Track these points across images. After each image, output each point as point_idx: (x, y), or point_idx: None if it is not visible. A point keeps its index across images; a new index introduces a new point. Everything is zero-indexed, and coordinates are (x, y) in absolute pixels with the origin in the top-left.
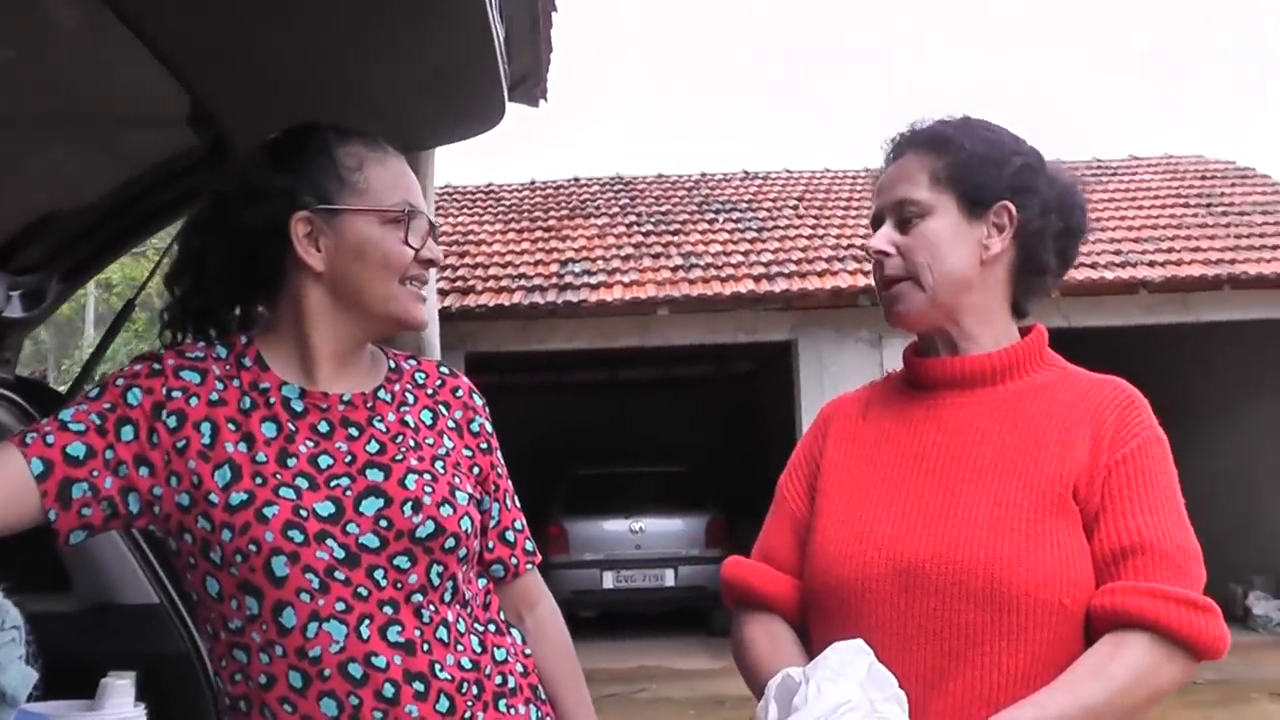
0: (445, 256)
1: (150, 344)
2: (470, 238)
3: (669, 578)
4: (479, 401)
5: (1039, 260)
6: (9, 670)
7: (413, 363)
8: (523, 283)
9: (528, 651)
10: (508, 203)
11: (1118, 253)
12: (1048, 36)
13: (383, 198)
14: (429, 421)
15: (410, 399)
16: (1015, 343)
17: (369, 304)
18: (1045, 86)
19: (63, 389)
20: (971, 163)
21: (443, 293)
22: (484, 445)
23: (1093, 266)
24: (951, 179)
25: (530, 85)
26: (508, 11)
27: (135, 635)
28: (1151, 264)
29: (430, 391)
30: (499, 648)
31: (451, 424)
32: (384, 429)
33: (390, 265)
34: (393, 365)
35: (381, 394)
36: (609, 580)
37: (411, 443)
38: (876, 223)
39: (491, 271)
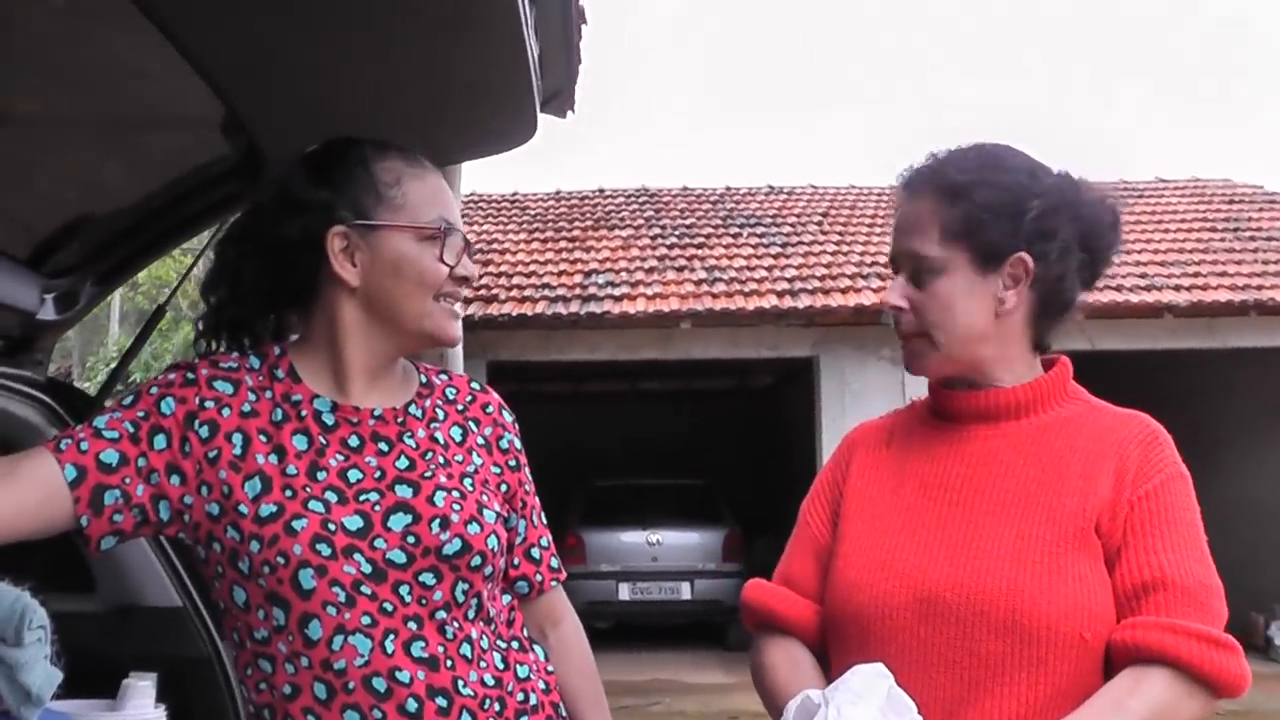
0: None
1: (174, 342)
2: (495, 247)
3: (685, 591)
4: (508, 418)
5: (1061, 301)
6: (35, 670)
7: (444, 378)
8: (546, 293)
9: (550, 669)
10: (533, 212)
11: (1143, 276)
12: (1077, 55)
13: (419, 214)
14: (458, 438)
15: (440, 415)
16: (1040, 376)
17: (403, 320)
18: (1073, 105)
19: (87, 386)
20: (984, 217)
21: (466, 301)
22: (512, 463)
23: (1118, 289)
24: (963, 234)
25: (564, 100)
26: (542, 29)
27: (157, 637)
28: (1177, 288)
29: (460, 408)
30: (522, 664)
31: (481, 441)
32: (414, 445)
33: (425, 282)
34: (424, 380)
35: (412, 409)
36: (625, 592)
37: (441, 459)
38: (894, 266)
39: (515, 281)
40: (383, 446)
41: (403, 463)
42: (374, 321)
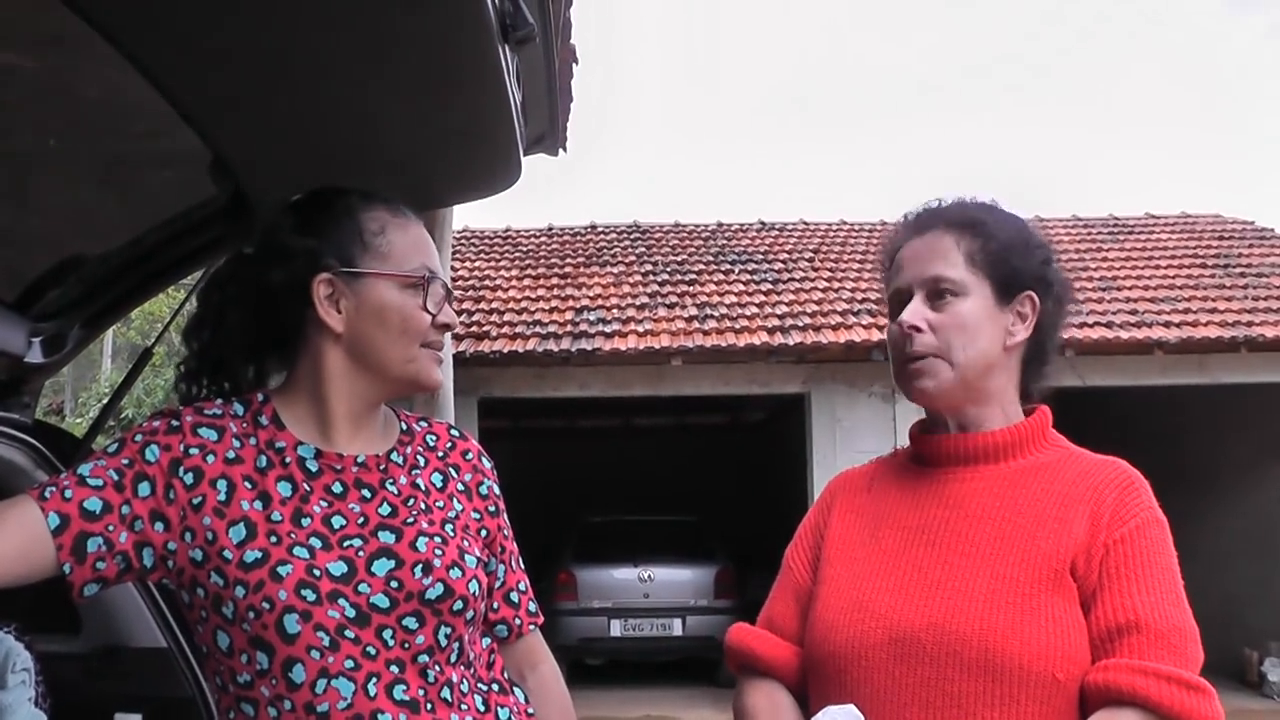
0: (460, 301)
1: (167, 378)
2: (486, 283)
3: (677, 627)
4: (487, 464)
5: (1048, 349)
6: (19, 712)
7: (424, 424)
8: (538, 329)
9: (530, 711)
10: (525, 248)
11: (1133, 312)
12: (1067, 95)
13: (403, 262)
14: (439, 484)
15: (422, 461)
16: (1020, 421)
17: (388, 366)
18: (1063, 143)
19: (79, 421)
20: (1004, 251)
21: (457, 338)
22: (492, 508)
23: (1108, 326)
24: (987, 263)
25: (548, 143)
26: (525, 75)
27: (142, 678)
28: (1167, 324)
29: (441, 454)
30: (502, 707)
31: (461, 487)
32: (396, 491)
33: (409, 329)
34: (405, 428)
35: (394, 456)
36: (617, 628)
37: (423, 505)
38: (900, 296)
39: (507, 317)
40: (365, 493)
41: (385, 509)
42: (358, 368)
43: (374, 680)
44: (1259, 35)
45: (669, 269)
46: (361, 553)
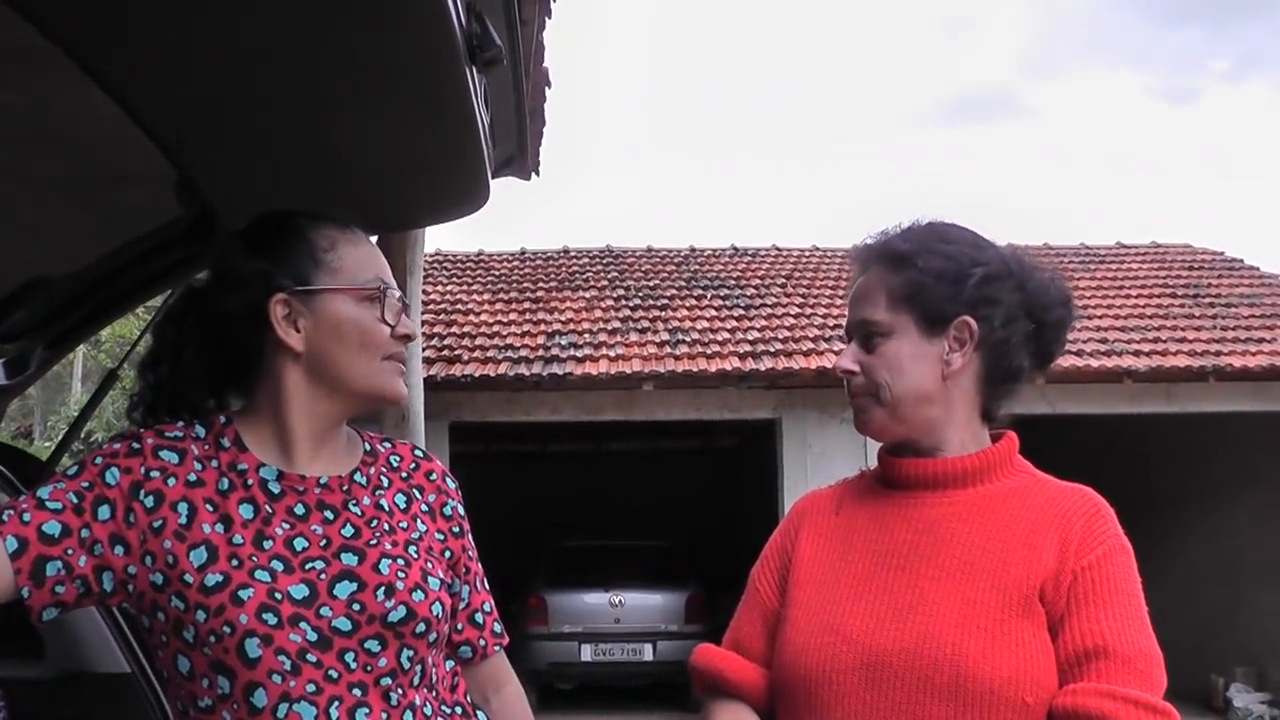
0: (432, 325)
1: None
2: (458, 307)
3: (648, 652)
4: (452, 485)
5: (1007, 367)
6: None
7: (388, 445)
8: (509, 354)
9: None
10: (497, 273)
11: (1103, 341)
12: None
13: (357, 276)
14: (403, 505)
15: (385, 482)
16: (987, 448)
17: (350, 381)
18: (1036, 172)
19: (48, 445)
20: (927, 282)
21: (428, 361)
22: (456, 529)
23: (1078, 354)
24: (908, 298)
25: (517, 166)
26: (494, 97)
27: (106, 704)
28: (1137, 353)
29: (404, 475)
30: None
31: (425, 508)
32: (359, 513)
33: (368, 343)
34: (368, 448)
35: (358, 477)
36: (587, 653)
37: (386, 527)
38: (848, 336)
39: (478, 341)
40: (328, 515)
41: (348, 530)
42: (320, 386)
43: (336, 704)
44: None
45: (641, 294)
46: (324, 575)
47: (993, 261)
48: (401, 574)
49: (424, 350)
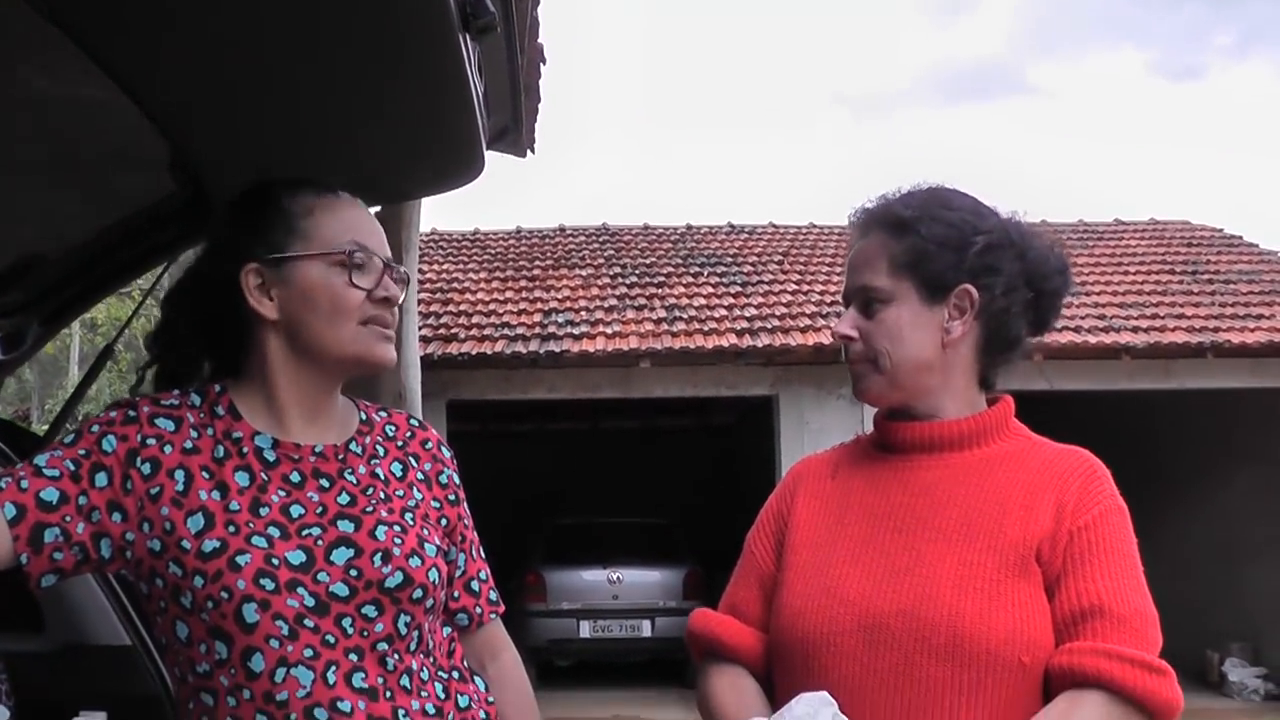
0: (429, 304)
1: (131, 382)
2: (455, 285)
3: (646, 629)
4: (447, 454)
5: (1006, 336)
6: None
7: (383, 415)
8: (506, 332)
9: (490, 699)
10: (493, 250)
11: (1101, 317)
12: (1041, 98)
13: (329, 241)
14: (399, 474)
15: (381, 451)
16: (983, 411)
17: (327, 349)
18: (1035, 149)
19: (46, 428)
20: (929, 249)
21: (425, 340)
22: (452, 497)
23: (1076, 330)
24: (910, 265)
25: (513, 137)
26: (486, 66)
27: (106, 675)
28: (1135, 330)
29: (400, 444)
30: (462, 694)
31: (420, 476)
32: (355, 481)
33: (339, 308)
34: (364, 417)
35: (353, 446)
36: (586, 630)
37: (382, 495)
38: (846, 302)
39: (475, 320)
40: (324, 482)
41: (344, 498)
42: (299, 354)
43: (333, 669)
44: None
45: (638, 271)
46: (320, 541)
47: (994, 230)
48: (398, 540)
49: (420, 329)
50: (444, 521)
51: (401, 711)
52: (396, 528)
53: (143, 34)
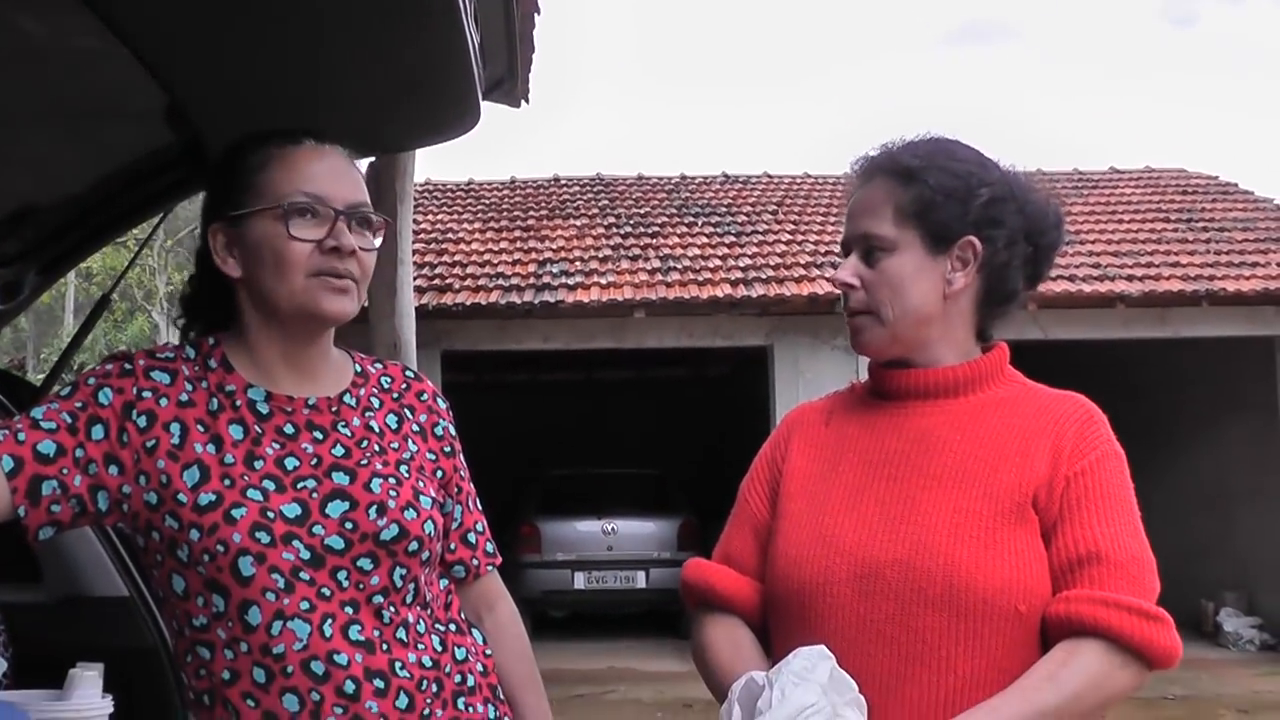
0: (423, 254)
1: (129, 333)
2: (449, 235)
3: (640, 580)
4: (443, 405)
5: (1005, 289)
6: None
7: (379, 366)
8: (500, 282)
9: (488, 652)
10: (487, 201)
11: (1096, 266)
12: (1033, 44)
13: (275, 194)
14: (394, 426)
15: (376, 403)
16: (978, 357)
17: (279, 304)
18: (1029, 95)
19: (41, 377)
20: (936, 199)
21: (420, 290)
22: (447, 449)
23: (1071, 279)
24: (916, 215)
25: (508, 88)
26: (482, 16)
27: (104, 627)
28: (1130, 278)
29: (395, 395)
30: (459, 647)
31: (416, 428)
32: (349, 433)
33: (282, 261)
34: (359, 369)
35: (347, 398)
36: (580, 581)
37: (376, 447)
38: (846, 249)
39: (469, 270)
40: (318, 435)
41: (339, 450)
42: (261, 310)
43: (329, 621)
44: None
45: (632, 221)
46: (315, 494)
47: (998, 182)
48: (393, 493)
49: (415, 279)
50: (440, 473)
51: (398, 664)
52: (392, 480)
53: None
